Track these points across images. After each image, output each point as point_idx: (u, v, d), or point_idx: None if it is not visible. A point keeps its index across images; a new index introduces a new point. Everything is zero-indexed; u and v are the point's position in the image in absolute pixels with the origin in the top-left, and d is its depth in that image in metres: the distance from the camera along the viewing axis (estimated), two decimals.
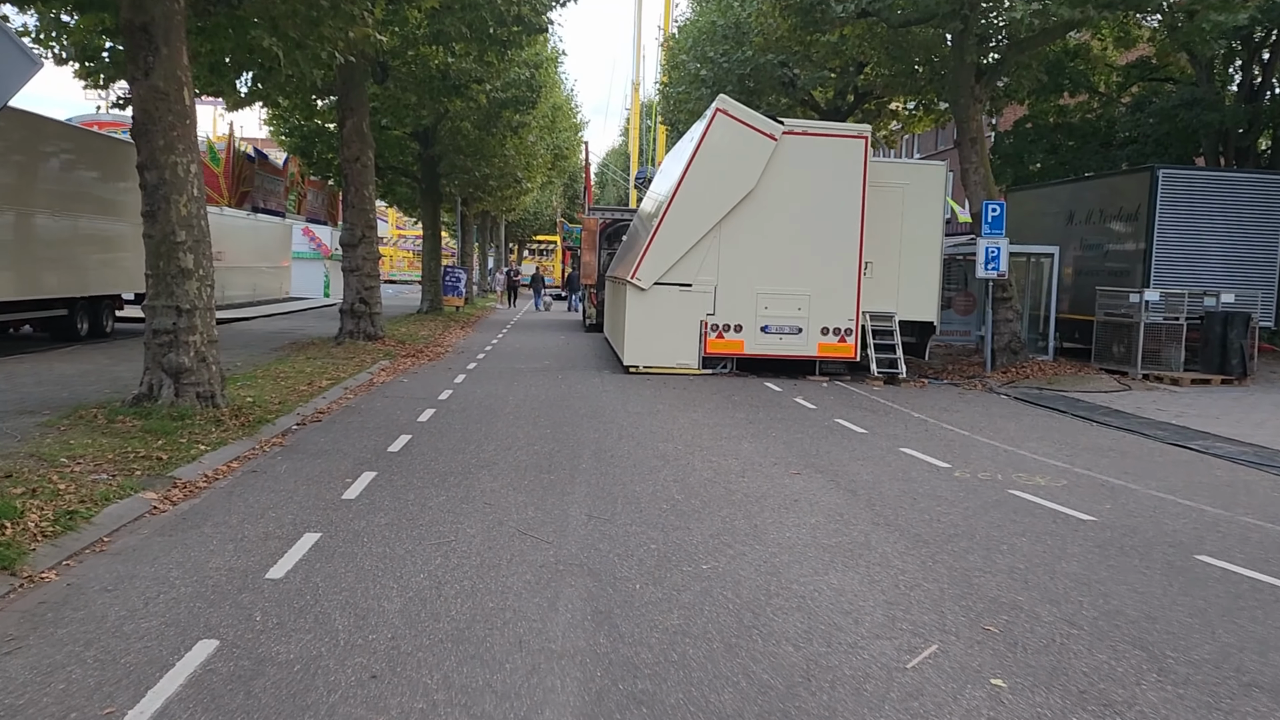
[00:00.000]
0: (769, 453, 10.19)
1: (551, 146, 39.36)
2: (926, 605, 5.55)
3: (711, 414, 12.81)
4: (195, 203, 10.47)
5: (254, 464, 8.92)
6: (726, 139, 16.84)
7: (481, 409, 12.63)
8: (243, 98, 21.90)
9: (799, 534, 7.00)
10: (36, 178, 18.18)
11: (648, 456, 9.77)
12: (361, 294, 19.94)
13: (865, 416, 13.05)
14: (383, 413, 12.13)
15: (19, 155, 17.71)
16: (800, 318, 17.24)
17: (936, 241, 18.18)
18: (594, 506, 7.63)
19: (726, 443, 10.70)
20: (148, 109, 10.25)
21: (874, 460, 9.97)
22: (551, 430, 11.14)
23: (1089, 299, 20.96)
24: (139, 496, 7.33)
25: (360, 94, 19.80)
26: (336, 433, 10.62)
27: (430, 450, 9.75)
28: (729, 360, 17.54)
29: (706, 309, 17.17)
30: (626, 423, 11.84)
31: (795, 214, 17.07)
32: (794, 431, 11.62)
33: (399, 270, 68.52)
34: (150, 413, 10.02)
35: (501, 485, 8.27)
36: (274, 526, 6.80)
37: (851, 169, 17.06)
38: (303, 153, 30.04)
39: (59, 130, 19.61)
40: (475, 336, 25.58)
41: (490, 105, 27.19)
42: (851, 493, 8.41)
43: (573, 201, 69.41)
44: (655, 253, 17.08)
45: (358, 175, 19.87)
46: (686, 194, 16.95)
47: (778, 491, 8.36)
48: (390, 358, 18.12)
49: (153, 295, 10.44)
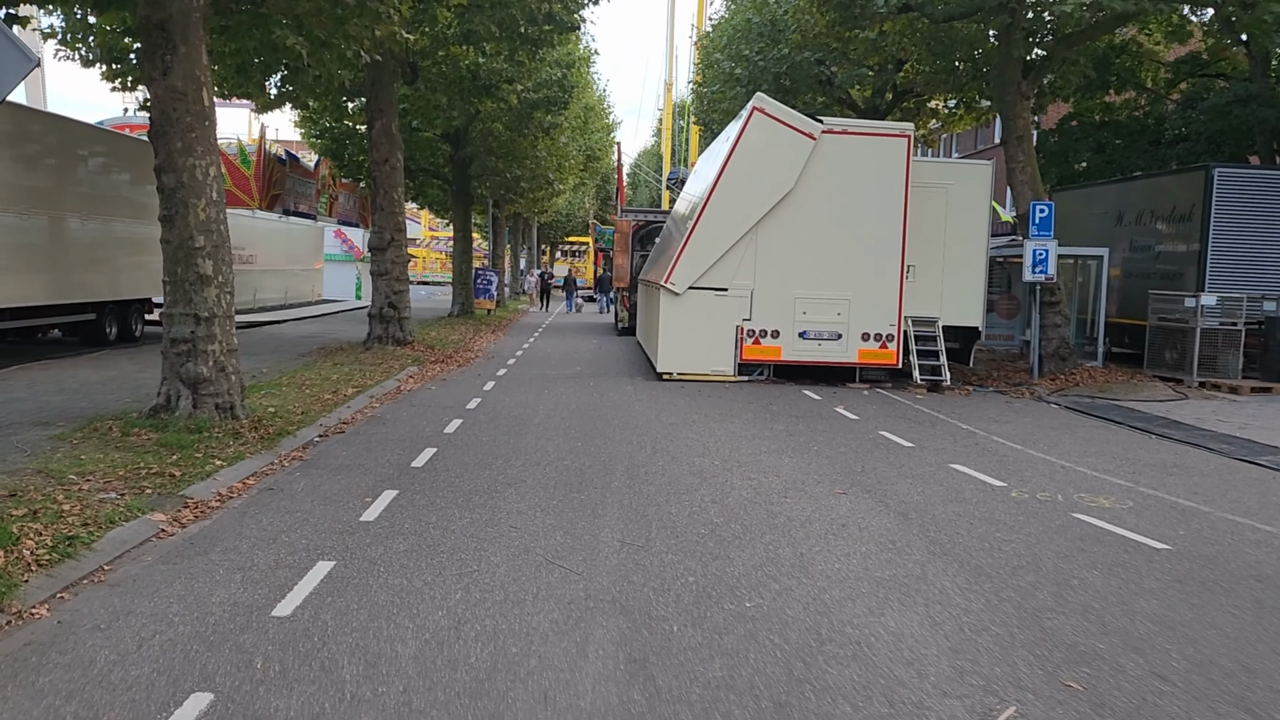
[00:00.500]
0: (812, 469, 9.65)
1: (583, 148, 38.95)
2: (997, 654, 5.00)
3: (749, 425, 12.28)
4: (214, 207, 10.11)
5: (271, 480, 8.51)
6: (764, 138, 16.29)
7: (510, 419, 12.18)
8: (272, 100, 21.73)
9: (849, 565, 6.46)
10: (66, 181, 18.00)
11: (683, 473, 9.26)
12: (390, 298, 19.58)
13: (911, 428, 12.46)
14: (408, 423, 11.71)
15: (50, 159, 17.54)
16: (840, 323, 16.65)
17: (982, 243, 17.52)
18: (627, 531, 7.14)
19: (766, 458, 10.17)
20: (165, 110, 9.89)
21: (924, 478, 9.39)
22: (582, 443, 10.66)
23: (1138, 302, 20.19)
24: (147, 518, 6.93)
25: (389, 95, 19.45)
26: (359, 446, 10.21)
27: (455, 465, 9.30)
28: (766, 367, 16.98)
29: (742, 314, 16.62)
30: (660, 435, 11.34)
31: (835, 215, 16.49)
32: (837, 445, 11.06)
33: (431, 272, 68.51)
34: (167, 425, 9.66)
35: (529, 506, 7.80)
36: (286, 553, 6.36)
37: (893, 169, 16.45)
38: (333, 155, 29.82)
39: (88, 133, 19.45)
40: (506, 341, 25.19)
41: (522, 106, 26.78)
42: (902, 516, 7.85)
43: (605, 203, 69.01)
44: (690, 256, 16.56)
45: (386, 178, 19.52)
46: (722, 195, 16.42)
47: (823, 514, 7.82)
48: (419, 364, 17.75)
49: (170, 303, 10.08)
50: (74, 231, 18.20)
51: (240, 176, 27.55)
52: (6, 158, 16.08)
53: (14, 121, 16.45)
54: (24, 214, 16.56)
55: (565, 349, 23.05)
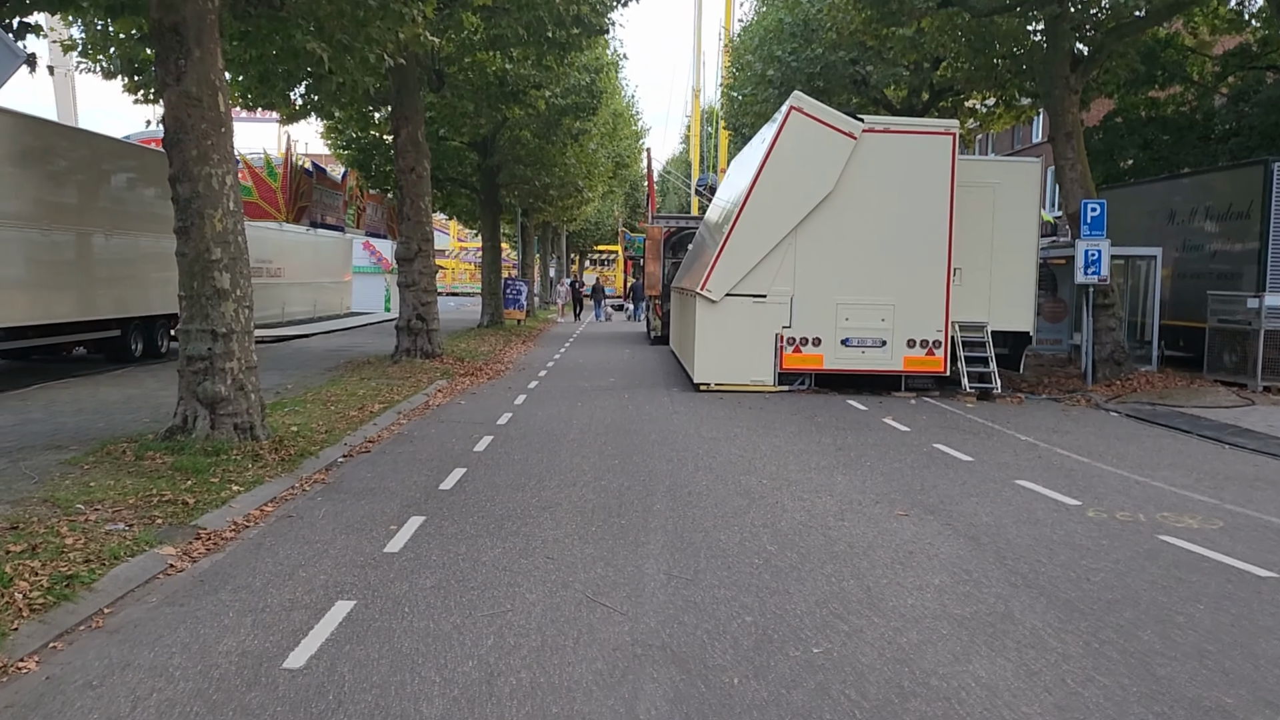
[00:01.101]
0: (867, 487, 9.00)
1: (612, 154, 38.43)
2: (1110, 712, 4.34)
3: (795, 439, 11.64)
4: (231, 217, 9.63)
5: (291, 506, 7.99)
6: (802, 138, 15.66)
7: (543, 435, 11.62)
8: (297, 110, 21.39)
9: (923, 600, 5.82)
10: (90, 196, 17.71)
11: (730, 493, 8.65)
12: (418, 310, 19.12)
13: (966, 440, 11.76)
14: (436, 441, 11.18)
15: (75, 174, 17.25)
16: (884, 329, 15.96)
17: (1031, 244, 16.77)
18: (674, 562, 6.54)
19: (817, 475, 9.53)
20: (179, 116, 9.43)
21: (989, 496, 8.72)
22: (620, 461, 10.07)
23: (1192, 304, 19.35)
24: (155, 553, 6.41)
25: (415, 102, 19.01)
26: (385, 466, 9.67)
27: (486, 487, 8.74)
28: (807, 376, 16.31)
29: (782, 321, 15.97)
30: (702, 451, 10.73)
31: (878, 217, 15.82)
32: (890, 460, 10.40)
33: (460, 282, 68.36)
34: (183, 447, 9.17)
35: (565, 533, 7.22)
36: (302, 591, 5.82)
37: (938, 167, 15.76)
38: (360, 166, 29.47)
39: (113, 147, 19.16)
40: (537, 352, 24.68)
41: (550, 112, 26.29)
42: (973, 540, 7.19)
43: (634, 211, 68.52)
44: (726, 262, 15.95)
45: (413, 186, 19.07)
46: (759, 198, 15.80)
47: (886, 539, 7.18)
48: (448, 377, 17.25)
49: (187, 318, 9.62)
50: (99, 247, 17.89)
51: (267, 189, 27.27)
52: (30, 173, 15.78)
53: (38, 137, 16.16)
54: (46, 230, 16.25)
55: (598, 360, 22.49)
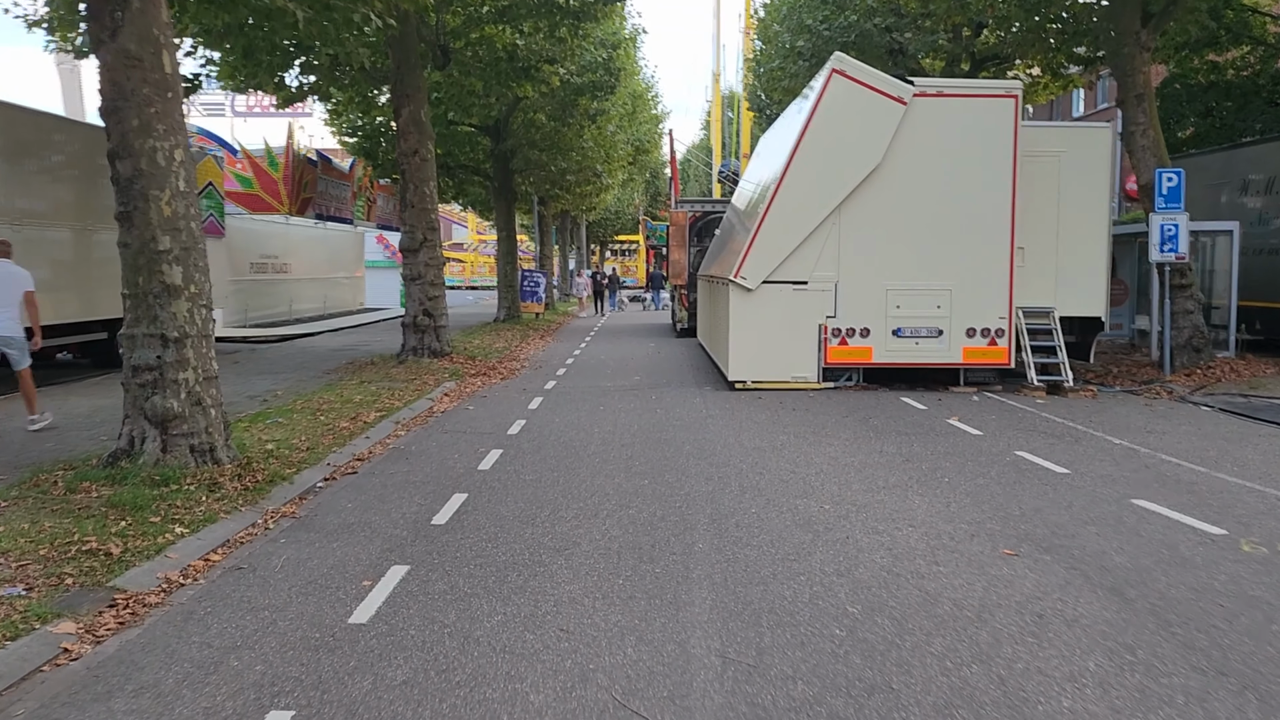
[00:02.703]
0: (955, 513, 7.36)
1: (631, 139, 36.71)
2: None
3: (852, 448, 10.00)
4: (182, 199, 8.09)
5: (245, 553, 6.45)
6: (845, 105, 13.97)
7: (559, 448, 10.04)
8: (293, 93, 19.90)
9: (1086, 700, 4.18)
10: (72, 191, 16.28)
11: (787, 524, 7.03)
12: (425, 305, 17.58)
13: (1052, 446, 10.08)
14: (436, 458, 9.62)
15: (67, 168, 15.83)
16: (940, 317, 14.26)
17: (1103, 220, 15.01)
18: (728, 634, 4.94)
19: (888, 496, 7.90)
20: (117, 79, 7.90)
21: (1109, 524, 7.05)
22: (650, 481, 8.48)
23: (1264, 282, 17.61)
24: (46, 631, 4.89)
25: (416, 79, 17.44)
26: (371, 493, 8.12)
27: (489, 521, 7.17)
28: (854, 371, 14.65)
29: (826, 310, 14.31)
30: (746, 466, 9.11)
31: (931, 192, 14.12)
32: (971, 474, 8.75)
33: (480, 275, 67.00)
34: (126, 475, 7.65)
35: (585, 589, 5.64)
36: (226, 696, 4.26)
37: (999, 135, 14.03)
38: (367, 154, 27.93)
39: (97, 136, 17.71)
40: (555, 347, 23.11)
41: (565, 92, 24.68)
42: (1117, 595, 5.54)
43: (654, 199, 66.79)
44: (762, 246, 14.29)
45: (417, 171, 17.52)
46: (798, 174, 14.13)
47: (1002, 593, 5.54)
48: (457, 378, 15.71)
49: (131, 321, 8.08)
50: (82, 245, 16.47)
51: (268, 180, 25.83)
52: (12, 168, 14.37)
53: (18, 126, 14.76)
54: (18, 226, 14.81)
55: (621, 355, 20.90)
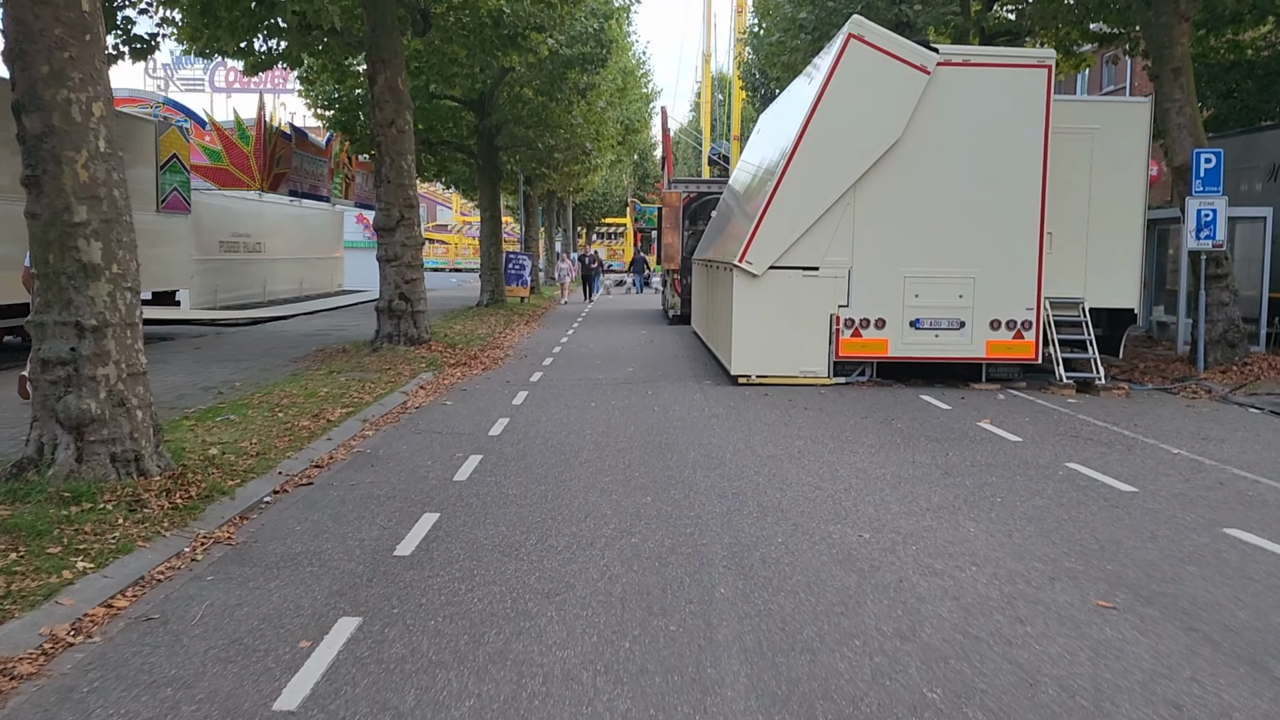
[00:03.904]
0: (1020, 545, 6.18)
1: (621, 118, 35.35)
2: None
3: (880, 457, 8.83)
4: (102, 163, 6.81)
5: (160, 595, 5.22)
6: (863, 73, 12.75)
7: (547, 453, 8.83)
8: (261, 58, 18.51)
9: None
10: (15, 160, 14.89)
11: (821, 559, 5.85)
12: (401, 288, 16.29)
13: (1104, 456, 8.93)
14: (406, 464, 8.40)
15: None
16: (963, 308, 13.10)
17: (1138, 203, 13.85)
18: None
19: (935, 522, 6.72)
20: (22, 17, 6.60)
21: (1210, 564, 5.88)
22: (653, 498, 7.27)
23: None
24: None
25: (393, 42, 16.10)
26: (326, 512, 6.89)
27: (463, 552, 5.96)
28: (867, 365, 13.49)
29: (838, 299, 13.12)
30: (762, 479, 7.92)
31: (955, 170, 12.94)
32: (1024, 493, 7.57)
33: (465, 258, 65.57)
34: (31, 490, 6.39)
35: (581, 657, 4.43)
36: None
37: (1030, 109, 12.85)
38: (344, 128, 26.49)
39: None
40: (541, 333, 21.87)
41: (554, 64, 23.34)
42: (1260, 670, 4.35)
43: (643, 181, 65.40)
44: (769, 228, 13.08)
45: (394, 143, 16.20)
46: (810, 149, 12.91)
47: (1116, 670, 4.35)
48: (435, 368, 14.46)
49: (41, 306, 6.80)
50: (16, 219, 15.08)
51: (238, 154, 24.43)
52: None
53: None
54: None
55: (611, 343, 19.67)
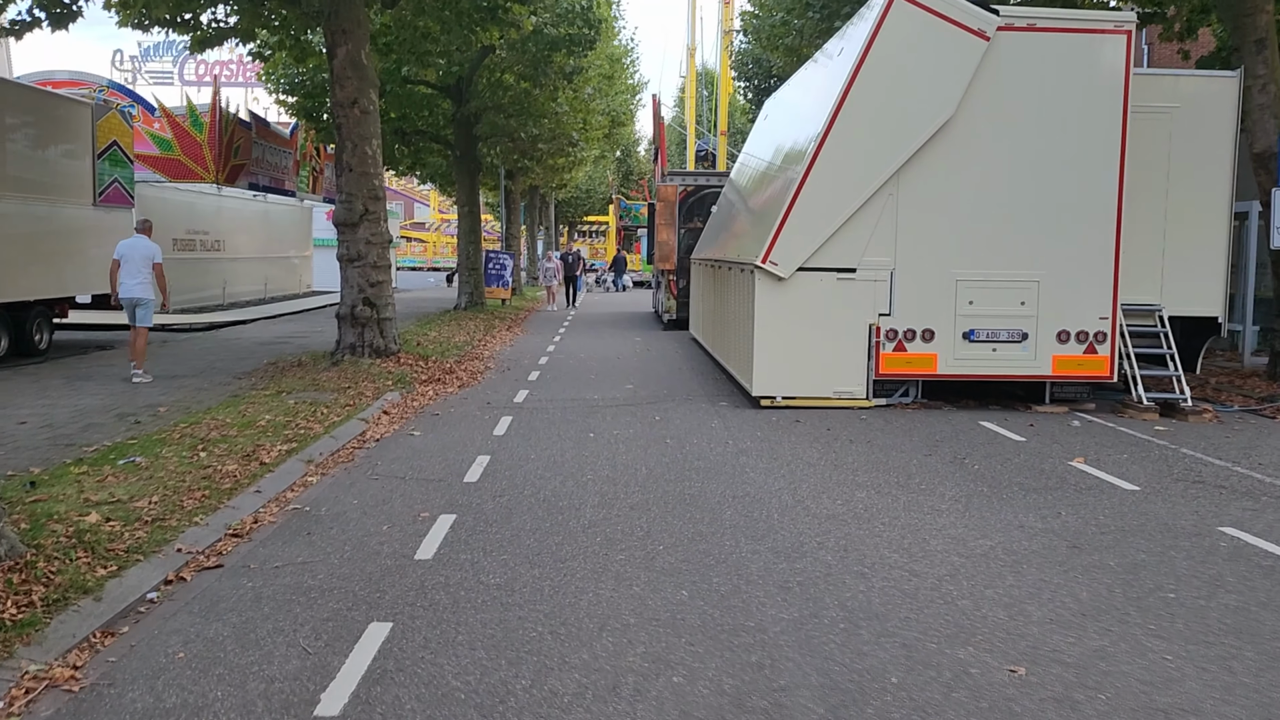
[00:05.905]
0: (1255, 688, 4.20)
1: (609, 108, 33.25)
2: None
3: (971, 516, 6.82)
4: None
5: None
6: (909, 40, 10.78)
7: (538, 513, 6.79)
8: (209, 32, 16.35)
9: None
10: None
11: (956, 712, 3.85)
12: (365, 292, 14.16)
13: (1255, 513, 6.95)
14: (355, 530, 6.33)
15: None
16: (1025, 317, 11.14)
17: (1224, 194, 11.94)
18: None
19: (1105, 640, 4.70)
20: None
21: None
22: (690, 592, 5.23)
23: None
24: None
25: (355, 11, 13.99)
26: (229, 623, 4.82)
27: (419, 709, 3.92)
28: (911, 384, 11.52)
29: (879, 306, 11.15)
30: (831, 557, 5.90)
31: (1017, 155, 11.00)
32: (1200, 584, 5.57)
33: (443, 257, 63.41)
34: None
35: None
36: None
37: (1106, 83, 10.92)
38: (308, 115, 24.28)
39: None
40: (525, 340, 19.81)
41: (538, 45, 21.27)
42: None
43: (627, 178, 63.29)
44: (797, 223, 11.08)
45: (356, 125, 14.09)
46: (846, 130, 10.92)
47: None
48: (404, 385, 12.37)
49: None
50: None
51: (191, 143, 22.24)
52: None
53: None
54: None
55: (604, 352, 17.61)
